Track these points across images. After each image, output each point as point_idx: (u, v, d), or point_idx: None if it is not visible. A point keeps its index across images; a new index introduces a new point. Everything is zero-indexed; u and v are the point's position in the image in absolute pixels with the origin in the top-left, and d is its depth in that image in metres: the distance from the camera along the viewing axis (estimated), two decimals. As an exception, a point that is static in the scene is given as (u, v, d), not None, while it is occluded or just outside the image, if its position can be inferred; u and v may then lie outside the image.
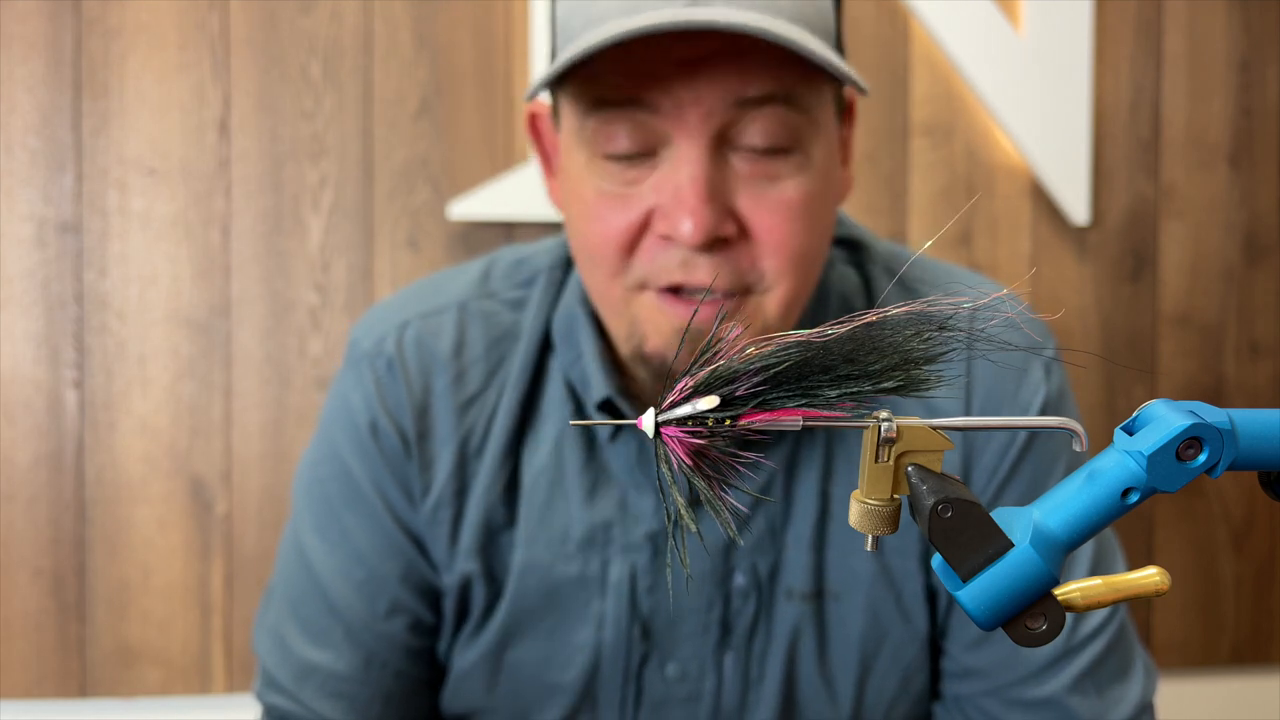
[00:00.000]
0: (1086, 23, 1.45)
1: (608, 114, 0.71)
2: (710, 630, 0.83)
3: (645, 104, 0.70)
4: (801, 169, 0.73)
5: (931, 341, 0.40)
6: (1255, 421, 0.39)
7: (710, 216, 0.69)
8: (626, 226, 0.73)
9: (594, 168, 0.74)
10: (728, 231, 0.71)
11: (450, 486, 0.84)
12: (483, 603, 0.85)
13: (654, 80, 0.69)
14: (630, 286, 0.75)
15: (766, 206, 0.72)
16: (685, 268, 0.72)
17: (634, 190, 0.72)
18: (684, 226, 0.69)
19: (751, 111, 0.70)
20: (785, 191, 0.72)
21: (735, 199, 0.71)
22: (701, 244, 0.70)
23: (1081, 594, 0.40)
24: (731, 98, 0.69)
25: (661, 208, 0.71)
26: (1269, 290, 1.53)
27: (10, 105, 1.34)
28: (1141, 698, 0.83)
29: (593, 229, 0.74)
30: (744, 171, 0.72)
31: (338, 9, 1.37)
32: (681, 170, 0.70)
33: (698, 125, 0.70)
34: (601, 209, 0.73)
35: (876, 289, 0.87)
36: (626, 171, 0.72)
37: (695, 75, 0.69)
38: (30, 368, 1.35)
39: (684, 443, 0.39)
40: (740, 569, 0.83)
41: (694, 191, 0.69)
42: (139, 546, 1.37)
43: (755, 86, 0.69)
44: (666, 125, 0.70)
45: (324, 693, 0.85)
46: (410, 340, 0.86)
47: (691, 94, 0.69)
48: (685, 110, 0.69)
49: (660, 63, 0.69)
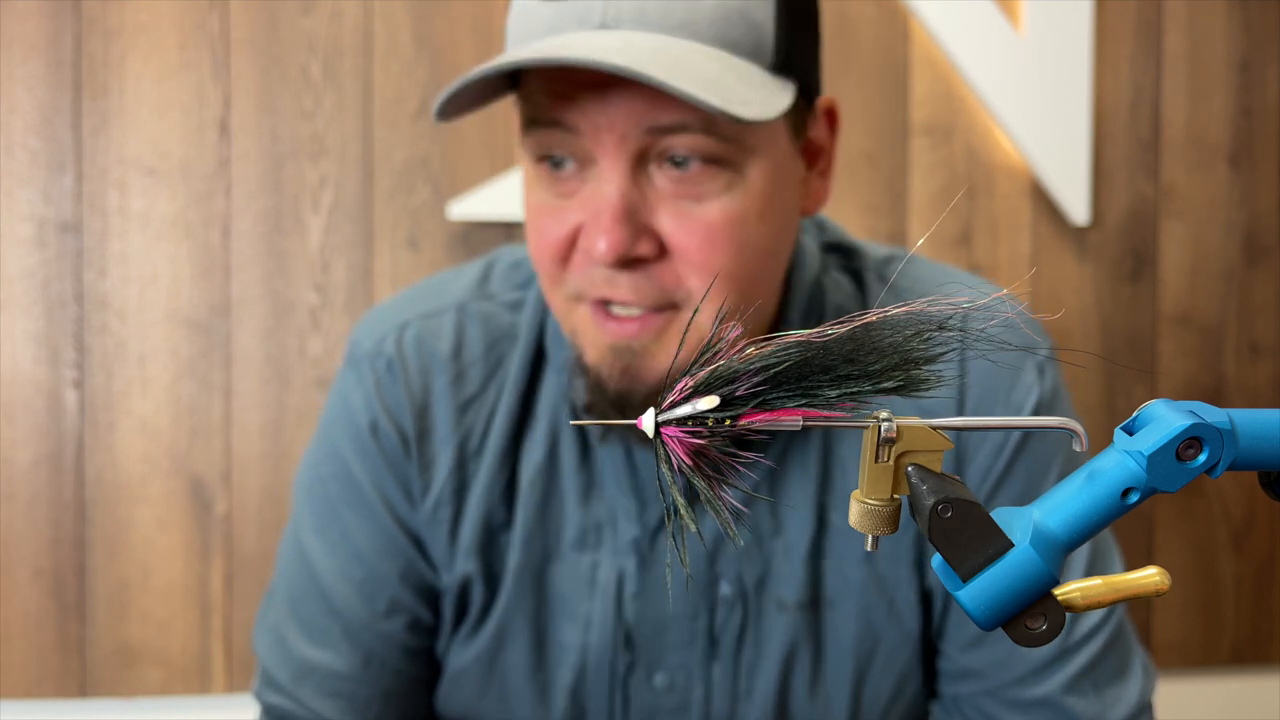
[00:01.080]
0: (1086, 23, 1.45)
1: (539, 132, 0.73)
2: (697, 640, 0.83)
3: (567, 125, 0.71)
4: (729, 187, 0.72)
5: (931, 342, 0.40)
6: (1255, 421, 0.39)
7: (623, 237, 0.70)
8: (559, 239, 0.74)
9: (535, 180, 0.75)
10: (643, 251, 0.71)
11: (450, 486, 0.84)
12: (480, 603, 0.85)
13: (571, 103, 0.70)
14: (568, 297, 0.76)
15: (688, 227, 0.71)
16: (609, 283, 0.73)
17: (566, 204, 0.73)
18: (599, 245, 0.70)
19: (666, 137, 0.70)
20: (709, 212, 0.71)
21: (657, 217, 0.72)
22: (614, 263, 0.71)
23: (1081, 594, 0.40)
24: (645, 124, 0.69)
25: (585, 225, 0.72)
26: (1269, 290, 1.53)
27: (10, 105, 1.34)
28: (1140, 698, 0.83)
29: (533, 239, 0.76)
30: (666, 190, 0.71)
31: (338, 9, 1.37)
32: (602, 189, 0.71)
33: (614, 148, 0.70)
34: (540, 220, 0.75)
35: (871, 294, 0.87)
36: (561, 185, 0.74)
37: (607, 100, 0.69)
38: (30, 368, 1.35)
39: (684, 442, 0.39)
40: (725, 578, 0.83)
41: (608, 212, 0.70)
42: (139, 546, 1.37)
43: (666, 115, 0.69)
44: (588, 144, 0.71)
45: (323, 692, 0.85)
46: (410, 341, 0.86)
47: (605, 119, 0.70)
48: (601, 134, 0.70)
49: (575, 84, 0.70)
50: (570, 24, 0.70)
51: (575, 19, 0.70)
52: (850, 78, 1.43)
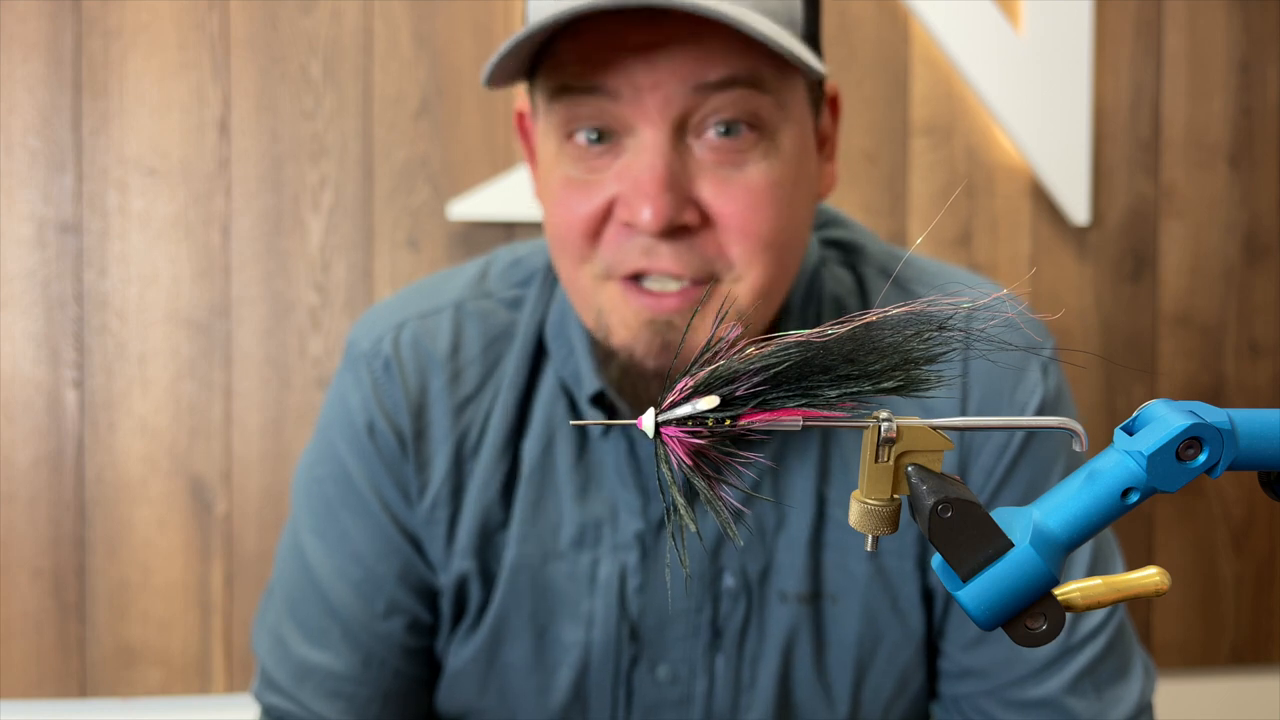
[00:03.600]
0: (1086, 23, 1.45)
1: (571, 101, 0.71)
2: (700, 632, 0.83)
3: (606, 90, 0.70)
4: (767, 154, 0.72)
5: (931, 341, 0.40)
6: (1255, 421, 0.39)
7: (669, 204, 0.69)
8: (591, 213, 0.73)
9: (561, 155, 0.74)
10: (689, 219, 0.71)
11: (447, 486, 0.84)
12: (478, 602, 0.85)
13: (612, 66, 0.69)
14: (596, 275, 0.75)
15: (730, 193, 0.71)
16: (648, 255, 0.72)
17: (598, 177, 0.72)
18: (643, 214, 0.69)
19: (713, 96, 0.69)
20: (750, 176, 0.71)
21: (698, 186, 0.71)
22: (661, 231, 0.70)
23: (1081, 594, 0.40)
24: (691, 83, 0.69)
25: (623, 195, 0.71)
26: (1269, 290, 1.53)
27: (10, 105, 1.34)
28: (1140, 698, 0.83)
29: (559, 216, 0.75)
30: (707, 158, 0.71)
31: (338, 9, 1.37)
32: (642, 157, 0.70)
33: (658, 111, 0.69)
34: (567, 196, 0.74)
35: (871, 290, 0.86)
36: (592, 159, 0.72)
37: (653, 60, 0.68)
38: (30, 368, 1.35)
39: (684, 442, 0.39)
40: (729, 570, 0.83)
41: (653, 179, 0.69)
42: (139, 546, 1.37)
43: (715, 70, 0.69)
44: (627, 111, 0.70)
45: (322, 692, 0.85)
46: (407, 341, 0.86)
47: (650, 79, 0.68)
48: (644, 96, 0.69)
49: (618, 48, 0.68)
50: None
51: None
52: (850, 78, 1.43)
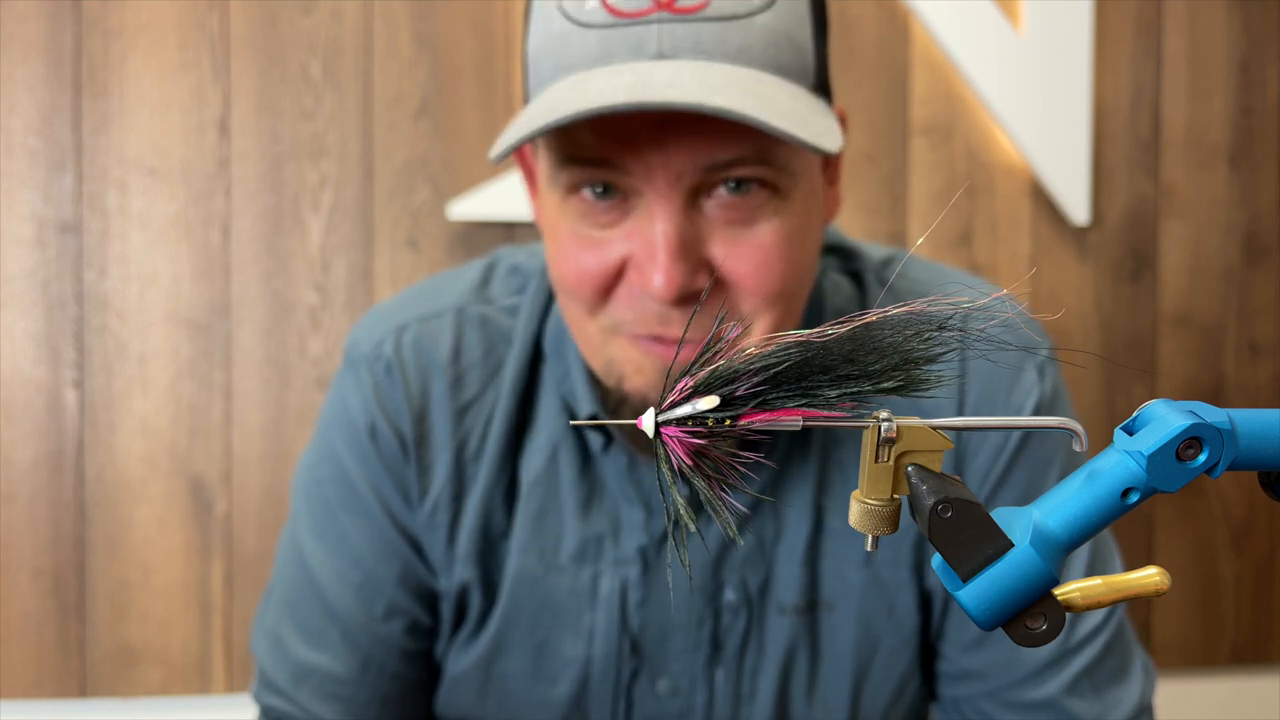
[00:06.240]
0: (1086, 23, 1.45)
1: (579, 169, 0.70)
2: (701, 646, 0.83)
3: (615, 165, 0.69)
4: (778, 211, 0.71)
5: (931, 342, 0.40)
6: (1255, 421, 0.39)
7: (682, 273, 0.68)
8: (602, 270, 0.72)
9: (568, 210, 0.73)
10: (701, 284, 0.70)
11: (448, 490, 0.84)
12: (479, 610, 0.85)
13: (623, 144, 0.68)
14: (605, 328, 0.74)
15: (740, 252, 0.70)
16: (662, 322, 0.71)
17: (608, 234, 0.71)
18: (655, 282, 0.68)
19: (722, 171, 0.69)
20: (761, 235, 0.71)
21: (709, 247, 0.70)
22: (674, 301, 0.69)
23: (1081, 594, 0.40)
24: (702, 163, 0.68)
25: (634, 258, 0.70)
26: (1269, 290, 1.53)
27: (10, 105, 1.34)
28: (1140, 699, 0.83)
29: (569, 268, 0.73)
30: (718, 218, 0.70)
31: (338, 9, 1.37)
32: (654, 225, 0.69)
33: (668, 186, 0.68)
34: (576, 250, 0.72)
35: (871, 296, 0.86)
36: (599, 214, 0.71)
37: (664, 141, 0.67)
38: (30, 368, 1.35)
39: (684, 443, 0.39)
40: (730, 584, 0.83)
41: (665, 248, 0.68)
42: (139, 546, 1.36)
43: (726, 151, 0.68)
44: (637, 183, 0.69)
45: (321, 694, 0.85)
46: (408, 343, 0.86)
47: (661, 158, 0.68)
48: (655, 173, 0.68)
49: (629, 127, 0.67)
50: (623, 53, 0.66)
51: (629, 48, 0.66)
52: (850, 78, 1.43)
